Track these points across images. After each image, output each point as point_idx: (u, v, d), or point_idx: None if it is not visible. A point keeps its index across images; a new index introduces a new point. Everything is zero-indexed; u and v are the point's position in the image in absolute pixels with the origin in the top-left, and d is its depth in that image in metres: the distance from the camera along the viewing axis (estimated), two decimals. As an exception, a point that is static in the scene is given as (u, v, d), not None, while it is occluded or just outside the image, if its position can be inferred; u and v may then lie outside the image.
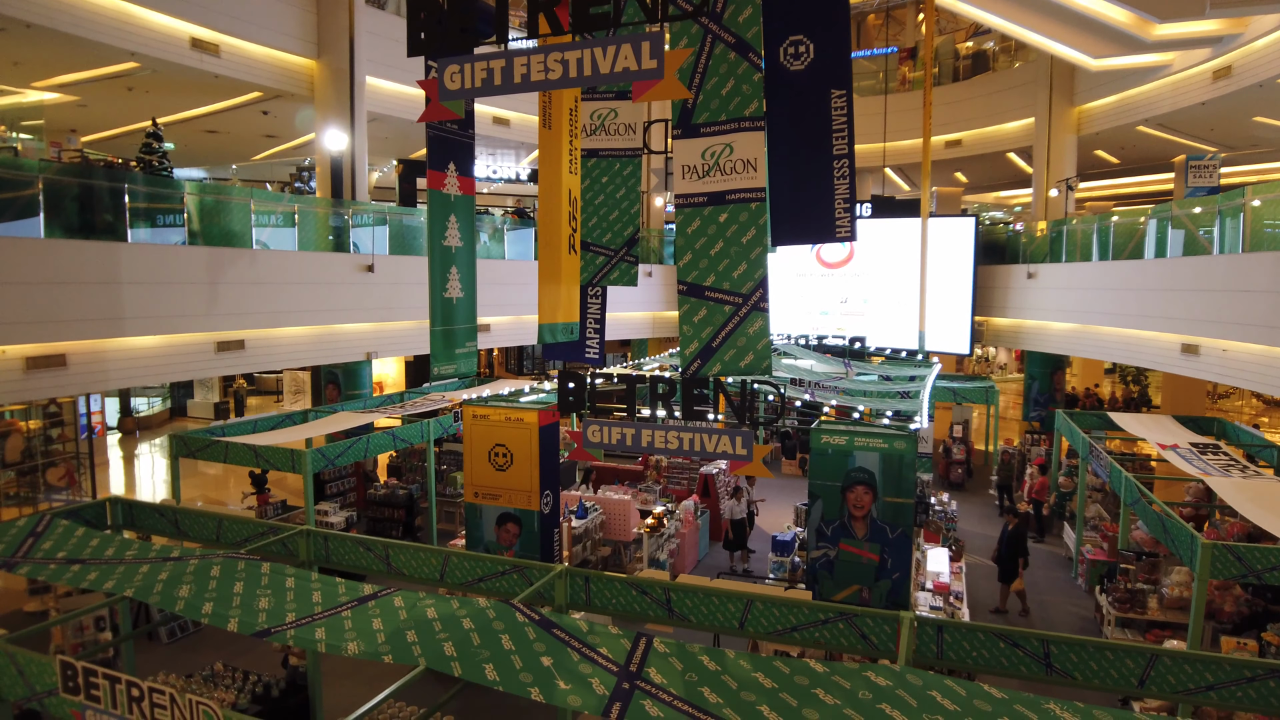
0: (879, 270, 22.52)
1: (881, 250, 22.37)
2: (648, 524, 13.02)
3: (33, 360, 10.97)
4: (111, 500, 9.59)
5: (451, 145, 10.12)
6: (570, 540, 12.46)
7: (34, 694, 5.62)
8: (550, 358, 11.20)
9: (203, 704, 4.87)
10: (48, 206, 11.01)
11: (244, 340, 14.08)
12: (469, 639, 5.75)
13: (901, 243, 21.99)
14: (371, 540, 8.12)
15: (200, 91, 16.62)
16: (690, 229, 8.73)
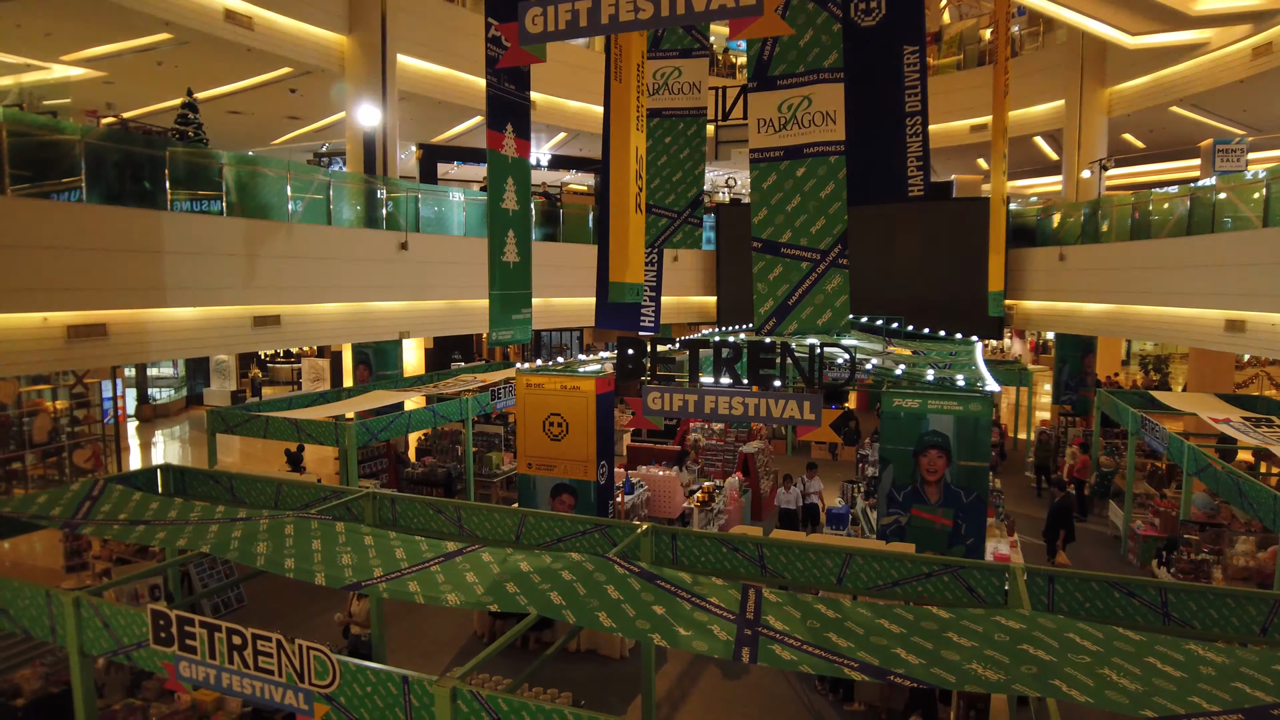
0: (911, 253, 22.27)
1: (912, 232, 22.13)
2: (697, 499, 12.77)
3: (74, 329, 10.70)
4: (163, 467, 9.34)
5: (509, 106, 9.89)
6: (620, 515, 12.21)
7: (121, 647, 5.36)
8: (604, 326, 10.96)
9: (314, 649, 4.62)
10: (88, 172, 10.74)
11: (280, 316, 13.81)
12: (573, 589, 5.50)
13: (928, 226, 21.76)
14: (442, 502, 7.87)
15: (230, 67, 16.34)
16: (766, 184, 8.51)
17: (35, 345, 10.34)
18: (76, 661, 5.56)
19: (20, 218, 9.72)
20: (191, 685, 5.10)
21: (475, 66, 19.43)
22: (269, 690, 4.80)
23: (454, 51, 18.84)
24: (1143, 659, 4.67)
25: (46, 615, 5.66)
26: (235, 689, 4.91)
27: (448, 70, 18.93)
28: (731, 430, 17.72)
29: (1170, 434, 11.91)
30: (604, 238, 10.63)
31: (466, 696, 4.24)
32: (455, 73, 19.14)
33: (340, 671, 4.54)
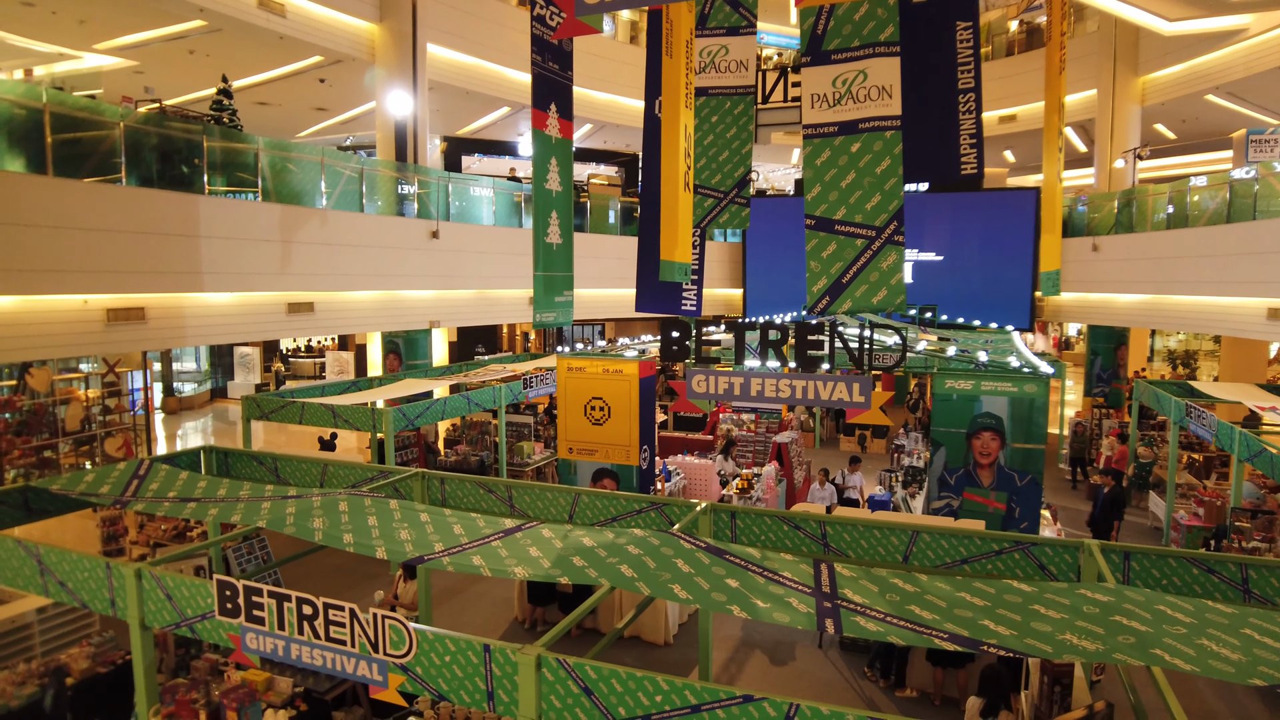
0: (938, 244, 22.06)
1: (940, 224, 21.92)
2: (737, 485, 12.62)
3: (114, 312, 10.66)
4: (206, 449, 9.27)
5: (553, 85, 9.77)
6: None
7: (184, 619, 5.27)
8: (645, 310, 10.83)
9: (389, 618, 4.51)
10: (127, 156, 10.70)
11: (313, 303, 13.76)
12: (642, 563, 5.37)
13: (958, 217, 21.54)
14: (493, 481, 7.76)
15: (261, 55, 16.32)
16: (819, 160, 8.36)
17: (76, 328, 10.30)
18: (138, 635, 5.48)
19: (62, 199, 9.69)
20: (258, 657, 4.99)
21: (504, 57, 19.38)
22: (340, 661, 4.69)
23: (483, 41, 18.76)
24: (1239, 630, 4.51)
25: (106, 588, 5.58)
26: (304, 660, 4.81)
27: (476, 60, 18.85)
28: (762, 420, 17.56)
29: (1219, 421, 11.68)
30: (648, 220, 10.54)
31: (552, 664, 4.12)
32: (483, 63, 19.06)
33: (417, 640, 4.42)
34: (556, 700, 4.13)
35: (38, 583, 5.91)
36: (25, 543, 5.93)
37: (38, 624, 9.14)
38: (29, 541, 5.94)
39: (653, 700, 3.93)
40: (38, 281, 9.47)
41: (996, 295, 21.11)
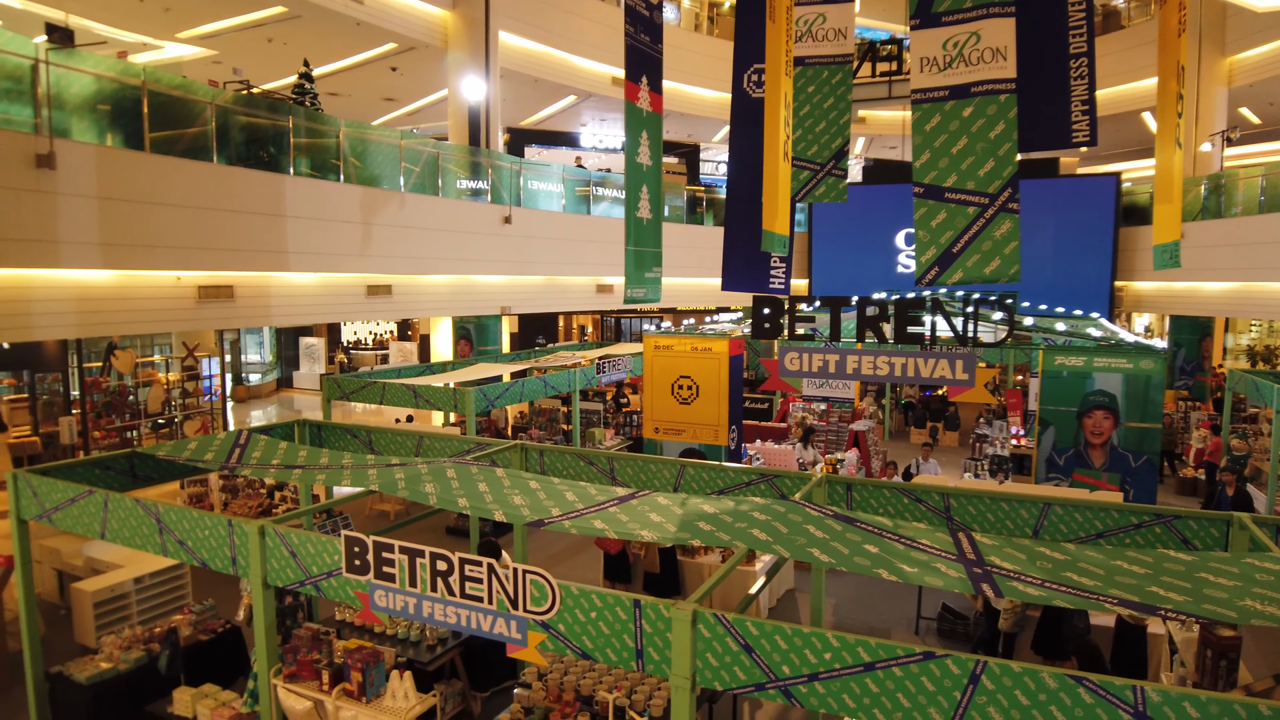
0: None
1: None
2: (821, 470, 12.32)
3: (204, 289, 10.77)
4: (300, 423, 9.29)
5: (645, 58, 9.61)
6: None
7: (309, 577, 5.19)
8: (731, 289, 10.59)
9: (531, 573, 4.36)
10: (217, 135, 10.80)
11: (391, 285, 13.80)
12: (773, 528, 5.15)
13: (1033, 204, 20.92)
14: (594, 453, 7.61)
15: (337, 43, 16.45)
16: (928, 126, 8.06)
17: (169, 304, 10.43)
18: (260, 593, 5.42)
19: (157, 175, 9.80)
20: (387, 615, 4.89)
21: (572, 44, 19.31)
22: (475, 618, 4.57)
23: (552, 28, 18.71)
24: None
25: (227, 546, 5.53)
26: (436, 618, 4.69)
27: (544, 48, 18.80)
28: (835, 410, 17.22)
29: (1334, 408, 11.10)
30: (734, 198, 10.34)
31: (709, 620, 3.93)
32: (552, 50, 19.01)
33: (561, 596, 4.27)
34: (713, 658, 3.94)
35: (156, 541, 5.89)
36: (144, 502, 5.93)
37: (135, 593, 9.26)
38: (148, 500, 5.93)
39: (820, 658, 3.73)
40: (135, 257, 9.58)
41: (1074, 285, 20.47)
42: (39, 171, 8.53)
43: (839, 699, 3.73)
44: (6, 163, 8.27)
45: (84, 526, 6.31)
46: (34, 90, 8.77)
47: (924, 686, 3.57)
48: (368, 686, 5.13)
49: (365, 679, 5.11)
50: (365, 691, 5.12)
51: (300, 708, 5.27)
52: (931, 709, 3.57)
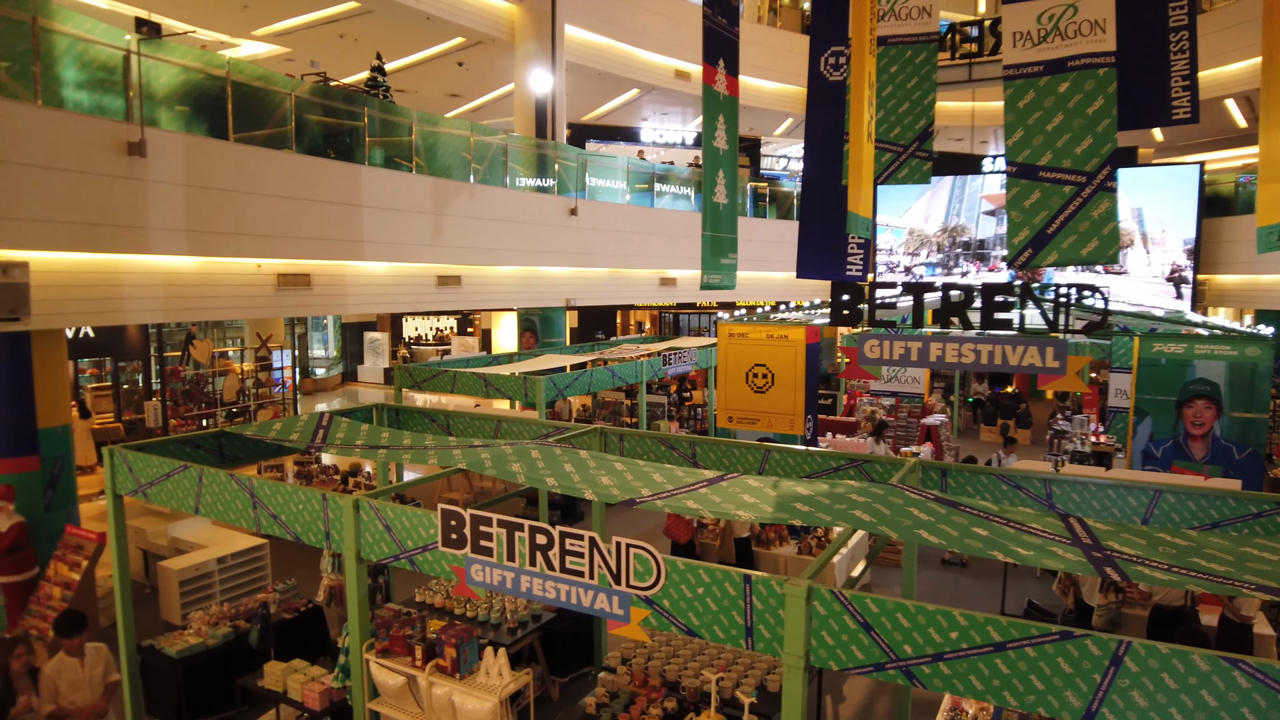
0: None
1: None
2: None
3: (283, 277, 10.95)
4: (377, 407, 9.37)
5: (722, 40, 9.51)
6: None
7: (403, 551, 5.18)
8: (806, 275, 10.39)
9: (635, 547, 4.27)
10: (296, 126, 10.97)
11: (461, 276, 13.90)
12: (875, 509, 4.98)
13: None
14: (675, 437, 7.52)
15: (407, 38, 16.65)
16: (1021, 103, 7.79)
17: (250, 291, 10.62)
18: (353, 568, 5.43)
19: (240, 164, 9.97)
20: (484, 590, 4.85)
21: (637, 37, 19.26)
22: (576, 594, 4.49)
23: (617, 21, 18.68)
24: None
25: (321, 520, 5.56)
26: (535, 593, 4.62)
27: (609, 41, 18.77)
28: (904, 405, 16.86)
29: None
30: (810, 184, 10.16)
31: (825, 597, 3.79)
32: (617, 43, 18.97)
33: (666, 571, 4.17)
34: (829, 637, 3.80)
35: (249, 516, 5.95)
36: (239, 476, 5.99)
37: (218, 572, 9.43)
38: (242, 475, 6.00)
39: (946, 637, 3.56)
40: (219, 244, 9.76)
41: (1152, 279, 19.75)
42: (130, 159, 8.73)
43: (965, 680, 3.56)
44: (101, 150, 8.48)
45: (178, 501, 6.42)
46: (126, 80, 8.99)
47: (1060, 668, 3.38)
48: (461, 663, 5.10)
49: (459, 655, 5.08)
50: (459, 668, 5.09)
51: (393, 683, 5.26)
52: (1068, 692, 3.38)
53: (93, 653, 6.01)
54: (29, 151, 7.85)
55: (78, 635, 5.92)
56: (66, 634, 5.88)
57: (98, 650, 6.06)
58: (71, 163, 8.23)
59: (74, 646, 5.91)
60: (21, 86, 8.15)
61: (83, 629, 5.95)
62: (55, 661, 5.83)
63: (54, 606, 8.35)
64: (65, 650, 5.88)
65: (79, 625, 5.96)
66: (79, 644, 5.94)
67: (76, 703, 5.80)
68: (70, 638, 5.88)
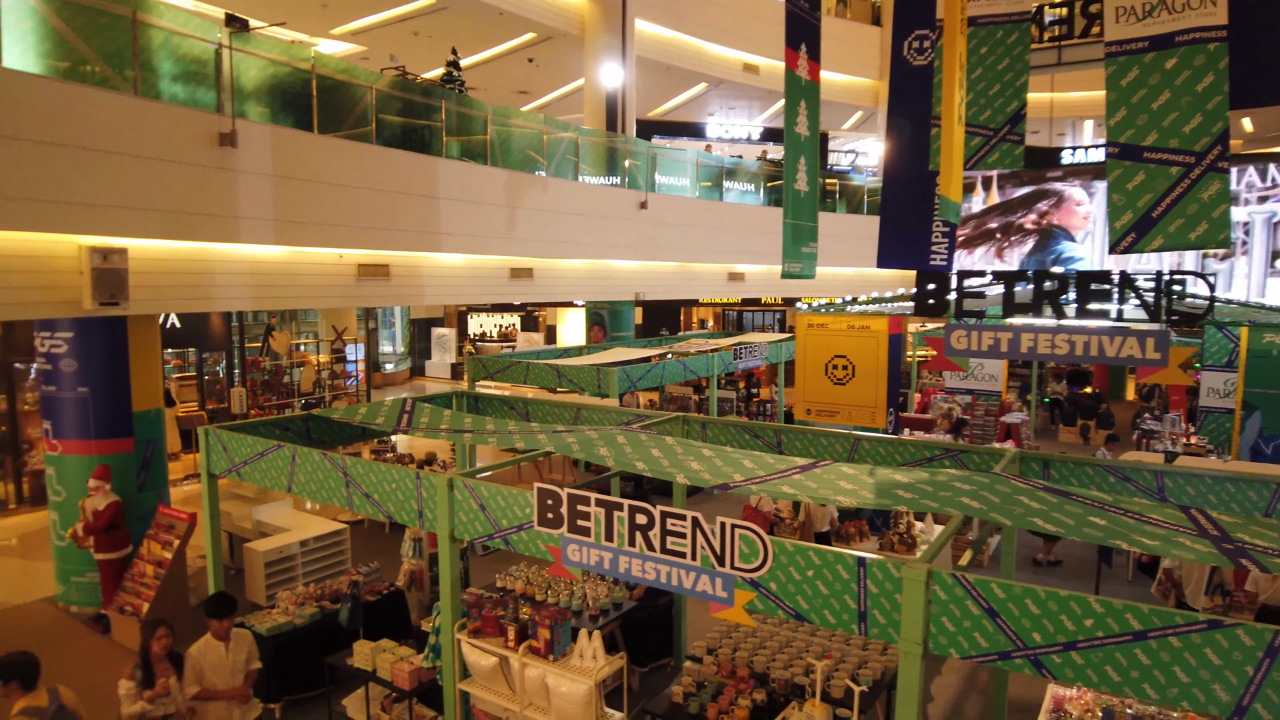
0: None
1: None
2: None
3: (364, 267, 11.11)
4: (457, 394, 9.44)
5: (804, 24, 9.32)
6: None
7: (498, 530, 5.16)
8: (887, 265, 10.15)
9: (741, 527, 4.17)
10: (376, 118, 11.12)
11: (533, 269, 13.95)
12: (983, 497, 4.78)
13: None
14: (760, 425, 7.39)
15: (479, 33, 16.82)
16: (1125, 81, 7.46)
17: (333, 280, 10.80)
18: (446, 547, 5.43)
19: (324, 155, 10.14)
20: (580, 571, 4.80)
21: (705, 30, 19.15)
22: (677, 575, 4.40)
23: (686, 15, 18.60)
24: None
25: (414, 499, 5.58)
26: (634, 574, 4.55)
27: (678, 34, 18.70)
28: (981, 403, 16.40)
29: None
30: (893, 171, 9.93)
31: (946, 581, 3.64)
32: (685, 37, 18.90)
33: (774, 553, 4.06)
34: (949, 623, 3.65)
35: (342, 495, 6.01)
36: (332, 456, 6.06)
37: (300, 555, 9.60)
38: (335, 455, 6.06)
39: (1080, 625, 3.38)
40: (304, 234, 9.93)
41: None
42: (222, 150, 8.94)
43: (1100, 671, 3.37)
44: (194, 141, 8.70)
45: (271, 480, 6.53)
46: (218, 73, 9.21)
47: (1208, 660, 3.17)
48: (555, 644, 5.05)
49: (553, 637, 5.04)
50: (552, 650, 5.05)
51: (485, 664, 5.25)
52: (1216, 685, 3.17)
53: (237, 638, 5.84)
54: (128, 141, 8.08)
55: (227, 617, 5.74)
56: (216, 615, 5.71)
57: (242, 636, 5.89)
58: (167, 153, 8.45)
59: (222, 629, 5.73)
60: (121, 79, 8.40)
61: (232, 611, 5.80)
62: (201, 643, 5.69)
63: (147, 583, 8.60)
64: (212, 633, 5.71)
65: (228, 607, 5.79)
66: (227, 627, 5.75)
67: (217, 685, 5.65)
68: (220, 619, 5.70)
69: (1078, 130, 26.98)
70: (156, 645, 5.33)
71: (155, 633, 5.35)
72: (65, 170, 7.53)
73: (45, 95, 7.43)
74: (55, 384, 8.99)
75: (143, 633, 5.38)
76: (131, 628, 8.46)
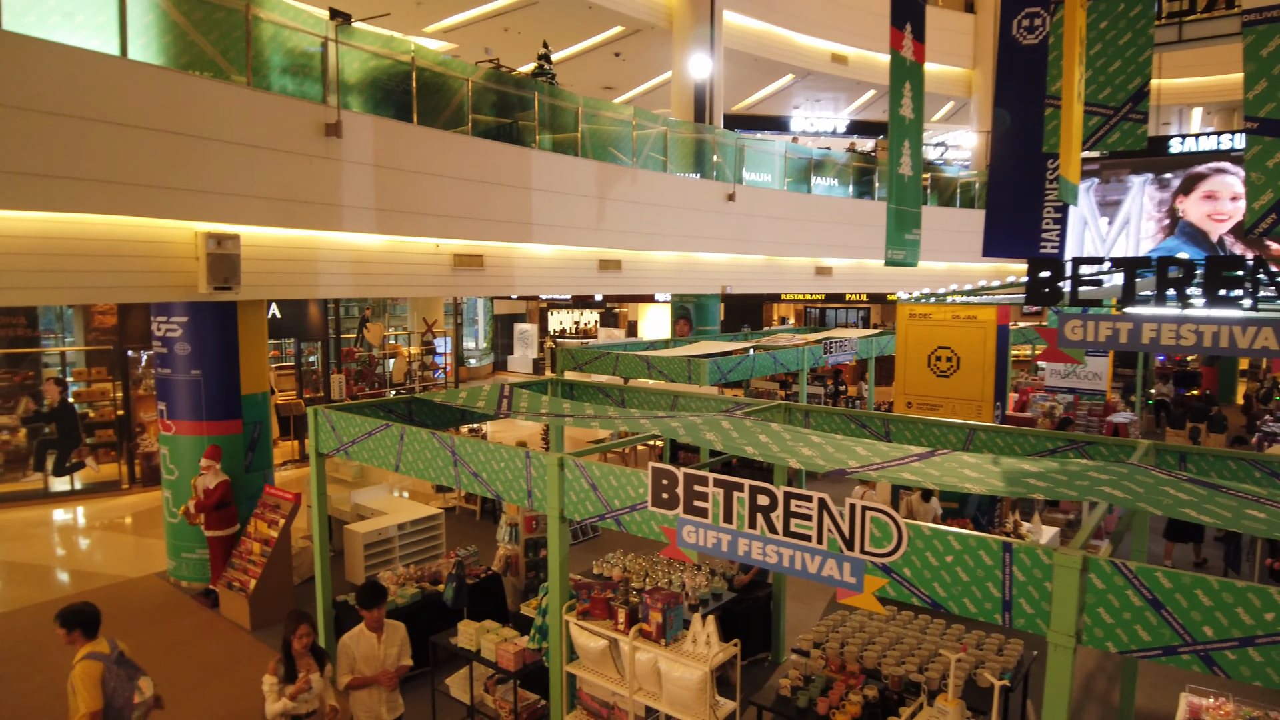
0: None
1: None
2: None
3: (459, 257, 11.24)
4: (552, 381, 9.45)
5: (909, 5, 9.03)
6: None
7: (609, 511, 5.09)
8: (994, 254, 9.77)
9: (872, 509, 3.99)
10: (472, 109, 11.23)
11: (621, 261, 13.93)
12: (1124, 486, 4.47)
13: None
14: (866, 414, 7.16)
15: (569, 29, 16.91)
16: (1264, 51, 6.97)
17: (429, 270, 10.96)
18: (556, 527, 5.39)
19: (422, 146, 10.29)
20: (695, 553, 4.68)
21: (794, 21, 18.86)
22: (800, 559, 4.24)
23: (774, 5, 18.34)
24: None
25: (523, 479, 5.55)
26: (753, 556, 4.41)
27: (766, 25, 18.45)
28: (1083, 401, 15.69)
29: None
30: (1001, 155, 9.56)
31: (1104, 569, 3.39)
32: (773, 27, 18.63)
33: (908, 536, 3.87)
34: (1106, 614, 3.40)
35: (449, 474, 6.04)
36: (440, 435, 6.09)
37: (398, 538, 9.74)
38: (444, 434, 6.09)
39: (1259, 619, 3.10)
40: (403, 223, 10.09)
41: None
42: (327, 140, 9.14)
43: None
44: (301, 130, 8.91)
45: (379, 459, 6.60)
46: (324, 65, 9.43)
47: None
48: (667, 629, 4.95)
49: (665, 621, 4.93)
50: (664, 634, 4.94)
51: (594, 646, 5.18)
52: None
53: (390, 629, 5.59)
54: (241, 131, 8.32)
55: (377, 607, 5.49)
56: (367, 605, 5.48)
57: (395, 629, 5.64)
58: (276, 142, 8.68)
59: (374, 620, 5.49)
60: (234, 70, 8.65)
61: (383, 600, 5.54)
62: (355, 632, 5.49)
63: (254, 560, 8.84)
64: (365, 623, 5.50)
65: (379, 596, 5.54)
66: (378, 617, 5.50)
67: (367, 675, 5.43)
68: (370, 609, 5.47)
69: (1184, 118, 25.66)
70: (298, 643, 5.09)
71: (297, 629, 5.12)
72: (183, 158, 7.78)
73: (165, 86, 7.70)
74: (170, 367, 9.33)
75: (285, 627, 5.18)
76: (239, 603, 8.73)
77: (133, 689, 4.98)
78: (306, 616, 5.22)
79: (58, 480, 13.31)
